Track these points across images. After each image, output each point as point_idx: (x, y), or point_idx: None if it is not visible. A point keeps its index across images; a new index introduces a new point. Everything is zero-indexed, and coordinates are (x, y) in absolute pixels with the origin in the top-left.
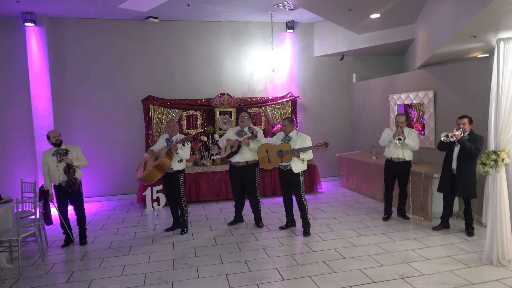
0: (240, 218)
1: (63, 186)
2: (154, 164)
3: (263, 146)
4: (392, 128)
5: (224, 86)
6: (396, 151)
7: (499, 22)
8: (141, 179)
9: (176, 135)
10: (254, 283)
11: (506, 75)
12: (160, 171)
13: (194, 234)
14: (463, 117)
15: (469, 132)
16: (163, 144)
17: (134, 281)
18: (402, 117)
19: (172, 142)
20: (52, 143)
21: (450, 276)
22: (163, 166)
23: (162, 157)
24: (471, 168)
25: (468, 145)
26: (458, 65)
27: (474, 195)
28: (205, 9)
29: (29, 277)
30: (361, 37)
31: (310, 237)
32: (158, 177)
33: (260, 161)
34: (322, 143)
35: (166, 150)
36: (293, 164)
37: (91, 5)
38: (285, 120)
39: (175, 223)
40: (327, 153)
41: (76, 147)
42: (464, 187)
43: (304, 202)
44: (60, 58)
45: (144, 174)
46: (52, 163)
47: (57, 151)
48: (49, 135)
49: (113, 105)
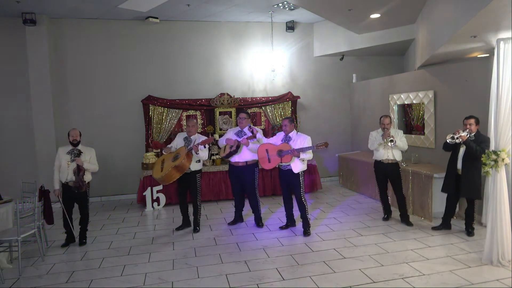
0: (240, 218)
1: (70, 185)
2: (174, 165)
3: (263, 146)
4: (378, 131)
5: (224, 86)
6: (386, 152)
7: (499, 22)
8: (159, 179)
9: (195, 134)
10: (254, 283)
11: (506, 75)
12: (179, 172)
13: (194, 234)
14: (470, 117)
15: (475, 132)
16: (181, 143)
17: (134, 281)
18: (387, 119)
19: (191, 141)
20: (69, 141)
21: (450, 276)
22: (183, 167)
23: (182, 158)
24: (477, 169)
25: (473, 146)
26: (458, 65)
27: (479, 196)
28: (205, 9)
29: (29, 277)
30: (361, 37)
31: (310, 237)
32: (177, 178)
33: (260, 161)
34: (322, 143)
35: (186, 151)
36: (293, 164)
37: (91, 5)
38: (285, 120)
39: (184, 222)
40: (327, 153)
41: (91, 150)
42: (469, 188)
43: (304, 202)
44: (60, 58)
45: (162, 174)
46: (64, 161)
47: (72, 150)
48: (68, 133)
49: (113, 105)
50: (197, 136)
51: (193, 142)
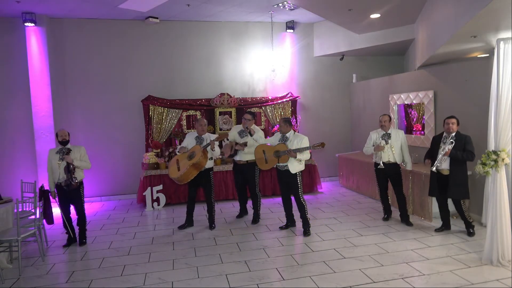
0: (245, 210)
1: (62, 185)
2: (192, 163)
3: (260, 147)
4: (377, 131)
5: (224, 86)
6: (387, 155)
7: (499, 22)
8: (177, 179)
9: (205, 134)
10: (254, 283)
11: (506, 75)
12: (197, 169)
13: (194, 234)
14: (452, 117)
15: (455, 132)
16: (193, 142)
17: (134, 281)
18: (384, 117)
19: (203, 140)
20: (58, 141)
21: (450, 276)
22: (201, 164)
23: (199, 155)
24: (463, 169)
25: (460, 155)
26: (458, 65)
27: (467, 196)
28: (205, 9)
29: (29, 277)
30: (361, 37)
31: (310, 237)
32: (194, 176)
33: (257, 161)
34: (318, 143)
35: (202, 149)
36: (290, 165)
37: (91, 5)
38: (280, 121)
39: (188, 221)
40: (327, 153)
41: (80, 148)
42: (457, 188)
43: (303, 202)
44: (60, 58)
45: (181, 173)
46: (55, 161)
47: (61, 150)
48: (57, 133)
49: (113, 105)
50: (207, 135)
51: (205, 140)
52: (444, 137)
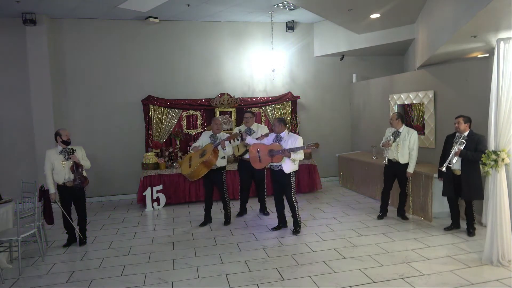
0: (245, 210)
1: (67, 186)
2: (202, 161)
3: (255, 146)
4: (391, 128)
5: (224, 86)
6: (393, 152)
7: (499, 22)
8: (188, 175)
9: (220, 133)
10: (254, 283)
11: (506, 75)
12: (206, 167)
13: (194, 234)
14: (458, 116)
15: (468, 132)
16: (207, 141)
17: (134, 281)
18: (392, 115)
19: (217, 139)
20: (62, 141)
21: (450, 276)
22: (210, 162)
23: (209, 154)
24: (476, 170)
25: (470, 155)
26: (458, 65)
27: (481, 197)
28: (205, 9)
29: (29, 277)
30: (361, 37)
31: (310, 237)
32: (204, 173)
33: (251, 160)
34: (313, 143)
35: (213, 147)
36: (284, 165)
37: (91, 5)
38: (275, 121)
39: (207, 218)
40: (327, 153)
41: (81, 148)
42: (469, 190)
43: (294, 202)
44: (60, 58)
45: (191, 170)
46: (58, 162)
47: (64, 150)
48: (60, 133)
49: (113, 105)
50: (222, 134)
51: (219, 139)
52: (457, 136)
